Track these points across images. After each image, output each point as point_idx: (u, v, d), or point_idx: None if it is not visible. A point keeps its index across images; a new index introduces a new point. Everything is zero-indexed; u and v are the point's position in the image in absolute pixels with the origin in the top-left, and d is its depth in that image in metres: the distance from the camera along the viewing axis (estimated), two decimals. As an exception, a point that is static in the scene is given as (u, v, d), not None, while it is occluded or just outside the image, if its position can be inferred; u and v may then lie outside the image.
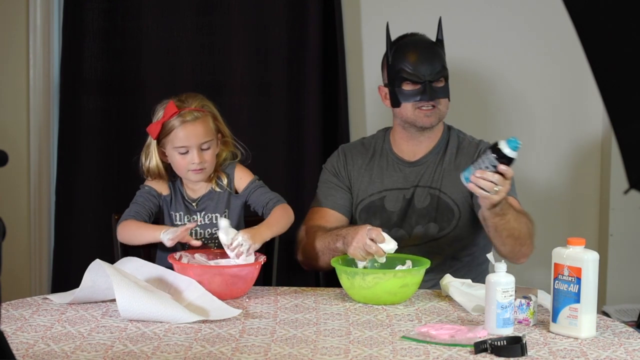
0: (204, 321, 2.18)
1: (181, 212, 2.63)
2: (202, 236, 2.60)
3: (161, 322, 2.17)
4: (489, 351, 1.95)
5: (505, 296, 2.09)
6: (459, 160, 2.74)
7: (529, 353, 1.96)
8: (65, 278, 3.33)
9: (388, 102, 2.77)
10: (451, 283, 2.41)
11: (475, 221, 2.70)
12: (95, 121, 3.41)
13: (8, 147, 1.57)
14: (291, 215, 2.62)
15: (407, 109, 2.72)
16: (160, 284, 2.34)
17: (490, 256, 2.25)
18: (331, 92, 3.41)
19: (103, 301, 2.34)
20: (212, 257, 2.51)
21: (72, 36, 3.37)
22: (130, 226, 2.55)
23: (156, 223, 2.62)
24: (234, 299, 2.38)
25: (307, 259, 2.72)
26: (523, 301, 2.16)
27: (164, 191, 2.65)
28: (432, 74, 2.69)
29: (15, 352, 1.64)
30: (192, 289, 2.32)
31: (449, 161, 2.76)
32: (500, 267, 2.13)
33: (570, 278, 2.07)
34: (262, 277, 2.60)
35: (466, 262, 2.76)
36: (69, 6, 3.36)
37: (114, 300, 2.21)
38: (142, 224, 2.56)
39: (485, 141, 2.80)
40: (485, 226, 2.57)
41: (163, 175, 2.63)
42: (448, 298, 2.41)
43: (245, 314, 2.26)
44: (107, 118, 3.41)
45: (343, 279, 2.39)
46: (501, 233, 2.52)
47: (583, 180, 3.55)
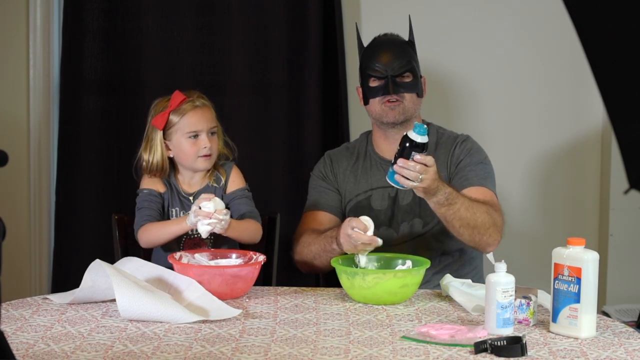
0: (204, 321, 2.18)
1: (177, 208, 2.65)
2: (197, 231, 2.60)
3: (161, 322, 2.17)
4: (489, 351, 1.95)
5: (505, 296, 2.09)
6: (438, 154, 2.76)
7: (529, 353, 1.96)
8: (65, 278, 3.33)
9: (362, 102, 2.84)
10: (451, 283, 2.41)
11: None
12: (95, 121, 3.41)
13: (8, 147, 1.57)
14: (258, 234, 2.64)
15: (375, 105, 2.77)
16: (160, 284, 2.34)
17: (490, 256, 2.25)
18: (331, 92, 3.41)
19: (103, 301, 2.34)
20: (212, 257, 2.51)
21: (72, 36, 3.37)
22: (151, 228, 2.58)
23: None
24: (234, 299, 2.38)
25: (304, 262, 2.74)
26: (523, 301, 2.16)
27: (161, 189, 2.67)
28: (395, 68, 2.74)
29: (15, 352, 1.64)
30: (192, 289, 2.32)
31: None
32: (500, 267, 2.13)
33: (570, 278, 2.07)
34: (262, 277, 2.60)
35: (457, 257, 2.77)
36: (69, 6, 3.36)
37: (114, 300, 2.21)
38: (163, 222, 2.59)
39: (464, 134, 2.82)
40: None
41: (166, 169, 2.65)
42: (448, 298, 2.41)
43: (245, 314, 2.26)
44: (107, 118, 3.42)
45: (343, 279, 2.39)
46: (452, 223, 2.54)
47: (583, 180, 3.55)
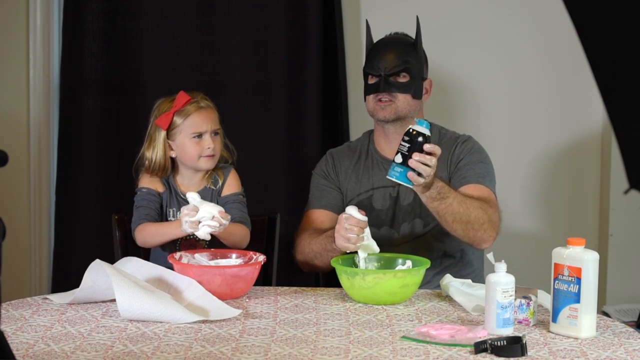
0: (204, 321, 2.18)
1: (174, 208, 2.66)
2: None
3: (161, 322, 2.17)
4: (489, 351, 1.95)
5: (505, 296, 2.09)
6: (439, 154, 2.75)
7: (529, 353, 1.95)
8: (65, 278, 3.33)
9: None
10: (451, 283, 2.41)
11: None
12: (95, 121, 3.41)
13: (8, 147, 1.57)
14: (245, 239, 2.65)
15: (369, 102, 2.79)
16: (160, 284, 2.34)
17: (490, 256, 2.25)
18: (331, 92, 3.41)
19: (103, 301, 2.34)
20: (212, 257, 2.51)
21: (72, 36, 3.37)
22: (148, 229, 2.59)
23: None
24: (234, 299, 2.38)
25: (306, 261, 2.73)
26: (523, 301, 2.16)
27: (160, 189, 2.67)
28: (389, 67, 2.74)
29: (15, 352, 1.64)
30: (192, 289, 2.32)
31: None
32: (500, 267, 2.13)
33: (570, 278, 2.07)
34: (262, 277, 2.60)
35: (458, 258, 2.77)
36: (69, 6, 3.36)
37: (114, 300, 2.21)
38: (159, 224, 2.60)
39: (465, 135, 2.82)
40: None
41: (168, 169, 2.67)
42: (448, 298, 2.41)
43: (245, 314, 2.26)
44: (107, 118, 3.42)
45: (343, 279, 2.39)
46: (445, 218, 2.53)
47: (583, 180, 3.55)
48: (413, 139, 2.36)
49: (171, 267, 2.41)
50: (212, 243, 2.60)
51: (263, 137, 3.42)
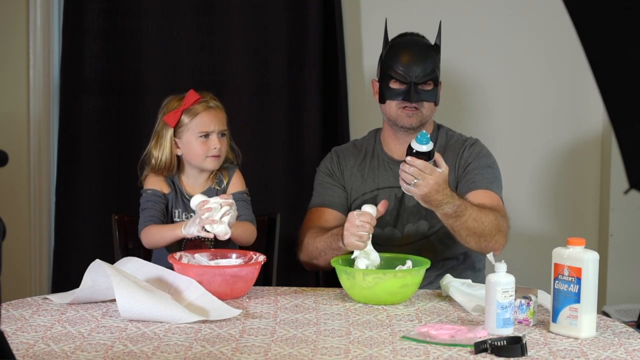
0: (204, 321, 2.18)
1: (180, 209, 2.66)
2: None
3: (161, 322, 2.17)
4: (489, 351, 1.95)
5: (505, 296, 2.09)
6: (446, 157, 2.75)
7: (529, 353, 1.96)
8: (65, 278, 3.33)
9: (377, 97, 2.81)
10: (451, 283, 2.41)
11: None
12: (95, 121, 3.41)
13: (8, 147, 1.57)
14: (253, 236, 2.67)
15: (391, 107, 2.75)
16: (160, 284, 2.34)
17: (490, 256, 2.25)
18: (331, 92, 3.41)
19: (103, 301, 2.34)
20: (212, 257, 2.51)
21: (72, 36, 3.37)
22: (151, 231, 2.59)
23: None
24: (234, 299, 2.38)
25: (309, 260, 2.72)
26: (523, 301, 2.16)
27: (165, 189, 2.67)
28: (419, 76, 2.71)
29: (15, 352, 1.64)
30: (192, 289, 2.32)
31: None
32: (500, 267, 2.13)
33: (570, 278, 2.07)
34: (262, 277, 2.60)
35: (461, 260, 2.76)
36: (69, 6, 3.36)
37: (114, 300, 2.21)
38: (162, 226, 2.60)
39: (473, 138, 2.81)
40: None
41: (174, 167, 2.67)
42: (448, 298, 2.41)
43: (245, 314, 2.26)
44: (107, 118, 3.42)
45: (343, 279, 2.39)
46: (460, 232, 2.54)
47: (583, 180, 3.55)
48: (408, 153, 2.41)
49: (171, 267, 2.41)
50: (217, 244, 2.60)
51: (263, 137, 3.42)
